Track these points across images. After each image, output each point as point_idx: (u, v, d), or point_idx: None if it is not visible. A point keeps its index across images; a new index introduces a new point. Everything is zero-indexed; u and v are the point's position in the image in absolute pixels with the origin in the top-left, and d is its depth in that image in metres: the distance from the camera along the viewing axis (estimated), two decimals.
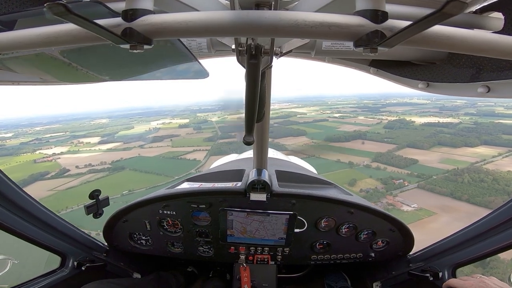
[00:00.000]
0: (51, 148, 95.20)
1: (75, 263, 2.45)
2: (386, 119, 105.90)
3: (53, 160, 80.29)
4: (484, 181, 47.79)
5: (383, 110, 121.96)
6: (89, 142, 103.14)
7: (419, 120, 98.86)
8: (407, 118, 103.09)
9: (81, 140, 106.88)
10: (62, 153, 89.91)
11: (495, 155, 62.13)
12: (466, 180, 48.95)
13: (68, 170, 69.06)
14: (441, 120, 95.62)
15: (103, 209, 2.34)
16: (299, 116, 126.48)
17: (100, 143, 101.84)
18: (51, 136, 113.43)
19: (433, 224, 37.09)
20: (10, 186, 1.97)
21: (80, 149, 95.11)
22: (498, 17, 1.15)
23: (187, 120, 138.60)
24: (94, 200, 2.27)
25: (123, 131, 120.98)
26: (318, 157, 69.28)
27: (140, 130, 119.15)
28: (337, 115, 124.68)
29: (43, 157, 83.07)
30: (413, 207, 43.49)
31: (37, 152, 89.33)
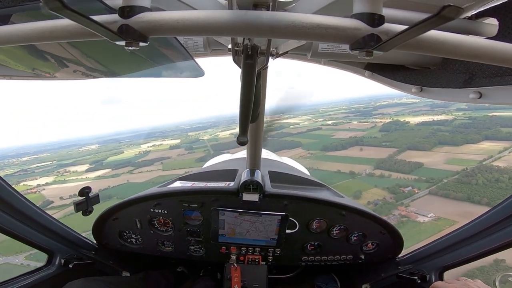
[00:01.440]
0: (36, 179, 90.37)
1: (62, 260, 2.41)
2: (380, 121, 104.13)
3: (37, 192, 74.68)
4: (501, 181, 45.13)
5: (375, 113, 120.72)
6: (76, 171, 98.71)
7: (413, 120, 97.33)
8: (401, 119, 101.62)
9: (68, 168, 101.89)
10: (47, 183, 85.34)
11: (501, 150, 59.81)
12: (481, 181, 46.17)
13: (52, 202, 64.28)
14: (435, 118, 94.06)
15: (93, 206, 2.30)
16: (292, 127, 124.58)
17: (88, 171, 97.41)
18: (37, 166, 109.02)
19: None
20: None
21: (66, 179, 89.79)
22: (492, 23, 1.18)
23: (178, 141, 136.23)
24: (84, 197, 2.22)
25: (112, 156, 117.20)
26: (317, 169, 65.86)
27: (129, 155, 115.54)
28: (330, 122, 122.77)
29: (27, 189, 77.73)
30: (430, 217, 40.24)
31: (21, 184, 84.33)
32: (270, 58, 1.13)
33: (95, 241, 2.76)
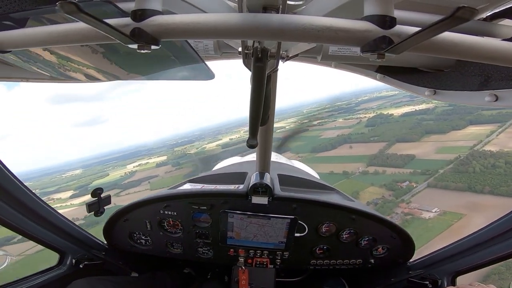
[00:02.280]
0: None
1: (74, 260, 2.43)
2: (365, 116, 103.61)
3: None
4: (498, 166, 44.10)
5: (358, 109, 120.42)
6: (60, 198, 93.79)
7: (396, 111, 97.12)
8: (384, 112, 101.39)
9: (52, 196, 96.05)
10: None
11: (488, 133, 59.51)
12: (478, 168, 45.18)
13: None
14: (417, 107, 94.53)
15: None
16: (278, 131, 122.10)
17: (72, 197, 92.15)
18: None
19: (468, 229, 30.02)
20: (12, 180, 1.93)
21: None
22: (508, 24, 1.16)
23: (164, 157, 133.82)
24: (96, 198, 2.25)
25: (97, 180, 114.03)
26: None
27: (115, 177, 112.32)
28: (315, 122, 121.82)
29: None
30: (435, 212, 38.48)
31: None
32: (280, 61, 1.14)
33: (105, 242, 2.77)
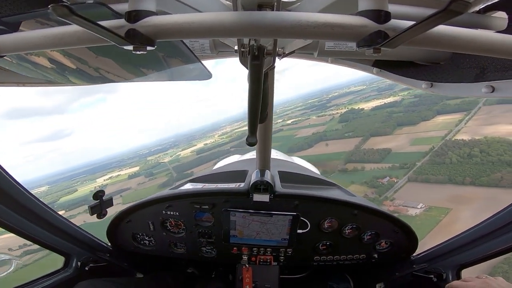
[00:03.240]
0: None
1: (79, 263, 2.44)
2: (337, 112, 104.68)
3: None
4: (473, 156, 44.45)
5: (330, 105, 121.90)
6: None
7: (366, 105, 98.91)
8: (355, 107, 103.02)
9: None
10: None
11: (456, 122, 61.27)
12: (455, 159, 45.56)
13: None
14: (385, 100, 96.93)
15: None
16: None
17: None
18: None
19: (458, 224, 29.69)
20: (14, 185, 1.95)
21: None
22: (502, 16, 1.17)
23: (137, 168, 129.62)
24: (98, 200, 2.24)
25: (65, 196, 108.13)
26: None
27: (84, 192, 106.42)
28: (289, 121, 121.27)
29: None
30: (421, 208, 37.88)
31: None
32: (276, 58, 1.14)
33: (109, 244, 2.78)
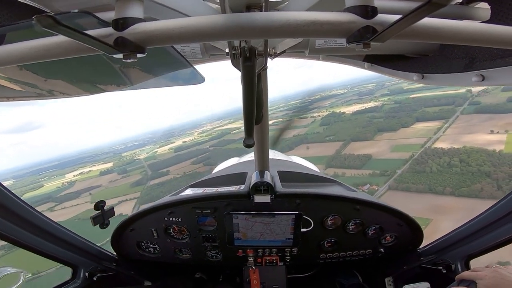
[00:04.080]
0: None
1: (87, 273, 2.45)
2: (319, 115, 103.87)
3: None
4: (453, 165, 44.20)
5: (312, 107, 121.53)
6: None
7: (347, 109, 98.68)
8: (337, 110, 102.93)
9: None
10: None
11: (435, 130, 61.55)
12: (435, 168, 45.13)
13: None
14: (366, 105, 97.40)
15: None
16: (233, 132, 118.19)
17: None
18: None
19: (438, 234, 28.55)
20: (18, 203, 1.98)
21: None
22: (484, 7, 1.20)
23: (110, 164, 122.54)
24: (100, 211, 2.24)
25: (29, 192, 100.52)
26: None
27: (50, 188, 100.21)
28: (270, 122, 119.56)
29: None
30: None
31: None
32: (268, 58, 1.14)
33: (115, 253, 2.78)
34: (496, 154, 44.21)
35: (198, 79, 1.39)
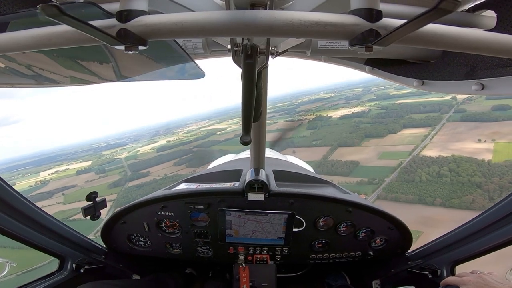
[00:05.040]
0: None
1: (74, 265, 2.43)
2: (306, 118, 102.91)
3: None
4: (443, 175, 43.49)
5: (299, 110, 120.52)
6: None
7: (334, 113, 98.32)
8: (324, 114, 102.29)
9: None
10: None
11: (422, 138, 61.25)
12: (424, 177, 44.30)
13: None
14: (353, 110, 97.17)
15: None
16: (219, 133, 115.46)
17: None
18: None
19: None
20: (6, 189, 1.94)
21: None
22: (490, 15, 1.19)
23: (88, 163, 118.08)
24: (91, 202, 2.24)
25: None
26: None
27: (22, 187, 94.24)
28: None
29: None
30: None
31: None
32: (270, 57, 1.14)
33: (104, 246, 2.77)
34: (486, 164, 43.66)
35: (198, 74, 1.38)
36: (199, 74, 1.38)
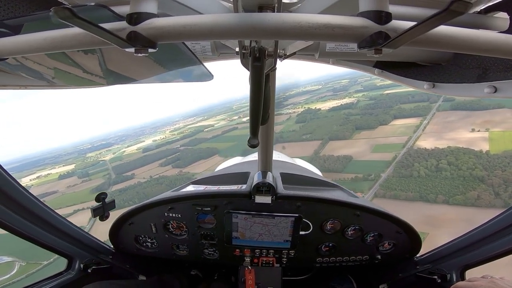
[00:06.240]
0: None
1: (82, 265, 2.45)
2: (294, 112, 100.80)
3: None
4: (442, 169, 41.83)
5: (287, 104, 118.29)
6: None
7: (323, 106, 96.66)
8: (312, 107, 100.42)
9: None
10: None
11: (414, 128, 60.15)
12: (422, 172, 42.65)
13: None
14: (341, 101, 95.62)
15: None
16: (206, 130, 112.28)
17: None
18: None
19: None
20: (17, 188, 1.95)
21: None
22: (503, 17, 1.17)
23: (72, 166, 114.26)
24: (101, 203, 2.25)
25: None
26: None
27: None
28: (245, 119, 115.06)
29: None
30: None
31: None
32: (278, 59, 1.15)
33: (111, 246, 2.79)
34: (485, 155, 42.27)
35: (207, 76, 1.39)
36: (208, 77, 1.38)
